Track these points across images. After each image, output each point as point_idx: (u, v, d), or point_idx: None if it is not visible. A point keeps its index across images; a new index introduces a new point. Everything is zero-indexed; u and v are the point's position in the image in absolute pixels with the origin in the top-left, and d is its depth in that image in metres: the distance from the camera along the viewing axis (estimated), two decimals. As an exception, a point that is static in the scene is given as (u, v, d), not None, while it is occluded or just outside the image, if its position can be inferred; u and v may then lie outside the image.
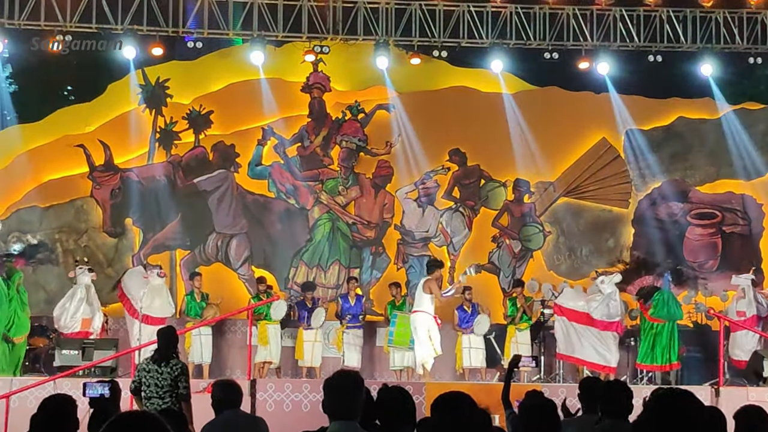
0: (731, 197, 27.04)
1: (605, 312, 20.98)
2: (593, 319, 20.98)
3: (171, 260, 25.72)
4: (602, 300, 21.20)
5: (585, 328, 20.98)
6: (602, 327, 20.99)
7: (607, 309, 21.02)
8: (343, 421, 6.39)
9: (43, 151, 26.12)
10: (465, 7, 25.50)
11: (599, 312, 20.99)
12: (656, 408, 4.58)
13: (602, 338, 20.96)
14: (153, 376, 12.76)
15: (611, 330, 21.11)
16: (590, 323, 20.98)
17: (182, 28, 25.14)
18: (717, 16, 25.90)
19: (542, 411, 6.46)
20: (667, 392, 4.70)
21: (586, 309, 21.12)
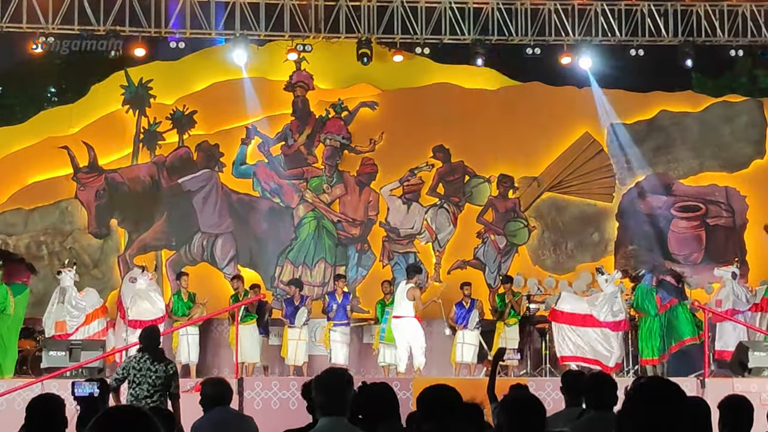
0: (715, 190, 27.13)
1: (610, 311, 21.02)
2: (599, 321, 21.02)
3: (157, 260, 25.72)
4: (605, 299, 21.21)
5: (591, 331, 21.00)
6: (612, 328, 21.03)
7: (611, 308, 21.05)
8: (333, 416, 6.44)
9: (27, 153, 26.09)
10: (446, 4, 25.54)
11: (604, 312, 21.02)
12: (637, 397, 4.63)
13: (604, 337, 21.00)
14: (145, 374, 12.79)
15: (620, 329, 21.17)
16: (597, 325, 21.01)
17: (165, 28, 25.12)
18: (698, 9, 25.97)
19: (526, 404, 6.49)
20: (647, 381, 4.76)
21: (590, 311, 21.15)
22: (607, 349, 20.96)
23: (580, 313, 21.13)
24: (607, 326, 20.99)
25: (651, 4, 25.86)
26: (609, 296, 21.21)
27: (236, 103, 26.47)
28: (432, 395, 5.94)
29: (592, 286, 23.54)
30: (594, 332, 20.98)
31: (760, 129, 27.44)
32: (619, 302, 21.22)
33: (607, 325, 20.99)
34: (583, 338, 21.02)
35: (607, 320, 20.99)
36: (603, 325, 20.97)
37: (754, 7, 26.10)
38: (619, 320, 21.10)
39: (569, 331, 21.12)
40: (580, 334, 21.05)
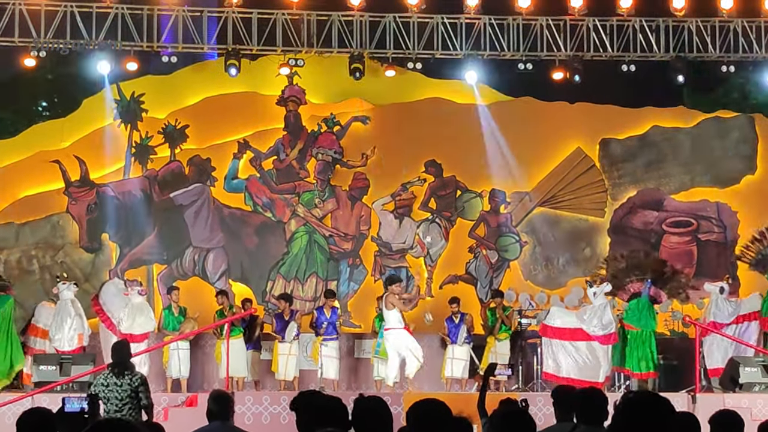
0: (706, 205, 27.18)
1: (599, 324, 21.03)
2: (589, 335, 21.03)
3: (148, 275, 25.70)
4: (594, 312, 21.23)
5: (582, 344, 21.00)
6: (602, 341, 21.04)
7: (601, 321, 21.07)
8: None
9: (19, 167, 26.09)
10: (439, 19, 25.59)
11: (594, 326, 21.03)
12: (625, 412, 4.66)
13: (592, 353, 20.99)
14: (112, 389, 12.80)
15: (610, 342, 21.16)
16: (587, 338, 21.01)
17: (157, 42, 25.14)
18: (689, 25, 26.04)
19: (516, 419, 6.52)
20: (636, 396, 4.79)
21: (579, 324, 21.16)
22: (596, 365, 20.95)
23: (569, 327, 21.14)
24: (597, 339, 21.00)
25: (643, 20, 25.93)
26: (598, 309, 21.23)
27: (228, 118, 26.51)
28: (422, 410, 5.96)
29: (584, 301, 23.54)
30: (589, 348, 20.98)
31: (751, 145, 27.51)
32: (608, 314, 21.23)
33: (597, 339, 21.00)
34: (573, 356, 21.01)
35: (597, 333, 21.00)
36: (593, 338, 20.99)
37: (745, 23, 26.18)
38: (609, 333, 21.11)
39: (561, 347, 21.10)
40: (570, 352, 21.04)
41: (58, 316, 21.05)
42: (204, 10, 25.80)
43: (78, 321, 20.98)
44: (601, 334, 21.00)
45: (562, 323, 21.29)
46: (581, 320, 21.20)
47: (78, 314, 21.04)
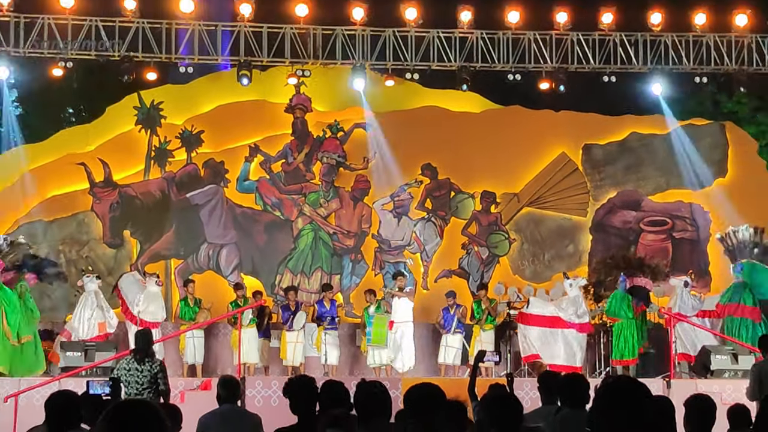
0: (680, 206, 27.19)
1: (575, 313, 21.05)
2: (564, 321, 21.03)
3: (166, 269, 25.72)
4: (569, 302, 21.26)
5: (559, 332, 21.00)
6: (578, 329, 21.03)
7: (576, 311, 21.08)
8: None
9: (47, 169, 26.11)
10: (434, 33, 25.61)
11: (570, 314, 21.04)
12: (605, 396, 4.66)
13: (568, 341, 20.99)
14: (133, 374, 12.81)
15: (585, 331, 21.15)
16: (563, 326, 21.01)
17: (175, 54, 25.16)
18: (666, 40, 26.06)
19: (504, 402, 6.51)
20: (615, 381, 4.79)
21: (556, 313, 21.17)
22: (576, 353, 20.94)
23: (548, 316, 21.15)
24: (573, 327, 21.00)
25: (622, 35, 25.94)
26: (573, 299, 21.25)
27: (240, 124, 26.53)
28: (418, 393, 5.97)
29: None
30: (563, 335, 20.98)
31: (722, 150, 27.52)
32: (583, 305, 21.24)
33: (573, 326, 21.00)
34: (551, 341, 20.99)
35: (573, 321, 21.01)
36: (569, 325, 20.99)
37: (717, 38, 26.20)
38: (584, 322, 21.12)
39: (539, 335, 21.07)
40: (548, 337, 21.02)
41: (81, 306, 21.03)
42: (218, 25, 25.83)
43: (99, 312, 20.94)
44: (577, 322, 21.01)
45: (541, 311, 21.29)
46: (559, 309, 21.22)
47: (99, 305, 21.00)
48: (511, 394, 8.09)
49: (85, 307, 20.97)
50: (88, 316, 20.85)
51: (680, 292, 21.84)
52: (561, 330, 21.02)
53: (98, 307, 20.96)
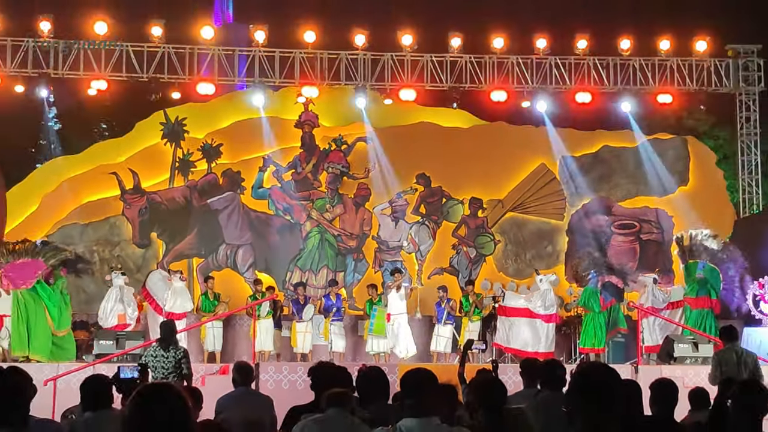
0: (647, 211, 27.15)
1: (542, 305, 21.02)
2: (533, 313, 21.01)
3: (189, 266, 25.69)
4: (538, 295, 21.23)
5: (526, 321, 20.98)
6: (546, 319, 21.00)
7: (544, 303, 21.05)
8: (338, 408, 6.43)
9: (83, 178, 26.11)
10: (428, 57, 25.69)
11: (538, 306, 21.02)
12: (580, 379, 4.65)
13: (536, 331, 20.95)
14: (159, 360, 12.80)
15: (551, 321, 21.10)
16: (531, 316, 20.98)
17: (197, 76, 25.21)
18: (634, 63, 26.14)
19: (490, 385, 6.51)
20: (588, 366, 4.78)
21: (526, 305, 21.15)
22: (538, 339, 20.90)
23: (520, 308, 21.12)
24: (540, 317, 20.95)
25: (596, 59, 26.02)
26: (543, 293, 21.21)
27: (255, 138, 26.49)
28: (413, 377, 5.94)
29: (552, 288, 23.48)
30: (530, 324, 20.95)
31: (684, 161, 27.50)
32: (551, 298, 21.18)
33: (540, 317, 20.95)
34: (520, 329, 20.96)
35: (540, 312, 20.96)
36: (537, 316, 20.96)
37: (679, 62, 26.29)
38: (551, 313, 21.06)
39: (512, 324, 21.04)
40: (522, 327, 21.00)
41: (106, 298, 21.02)
42: (235, 50, 25.92)
43: (120, 305, 20.90)
44: (543, 313, 20.95)
45: (515, 304, 21.26)
46: (528, 302, 21.20)
47: (121, 299, 20.95)
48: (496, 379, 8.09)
49: (109, 299, 20.95)
50: (111, 307, 20.83)
51: (650, 288, 21.81)
52: (529, 319, 21.00)
53: (120, 301, 20.91)
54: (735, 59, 26.78)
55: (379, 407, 7.17)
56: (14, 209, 24.89)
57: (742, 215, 26.92)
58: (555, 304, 21.23)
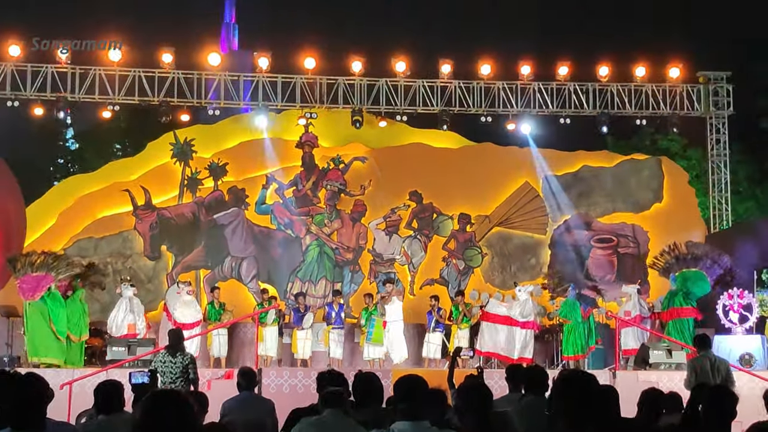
0: (624, 226, 27.18)
1: (521, 313, 20.97)
2: (512, 320, 20.97)
3: (196, 277, 25.68)
4: (518, 305, 21.19)
5: (505, 328, 20.96)
6: (522, 326, 20.95)
7: (522, 311, 21.02)
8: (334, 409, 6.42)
9: (98, 195, 26.10)
10: (420, 83, 25.75)
11: (516, 314, 20.98)
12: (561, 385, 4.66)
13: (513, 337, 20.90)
14: (168, 365, 12.76)
15: (528, 328, 21.03)
16: (510, 323, 20.94)
17: (204, 99, 25.25)
18: (611, 89, 26.23)
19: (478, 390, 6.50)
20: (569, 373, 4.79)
21: (506, 313, 21.14)
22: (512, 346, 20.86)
23: (501, 315, 21.11)
24: (518, 325, 20.90)
25: (575, 84, 26.10)
26: (522, 302, 21.15)
27: (259, 157, 26.51)
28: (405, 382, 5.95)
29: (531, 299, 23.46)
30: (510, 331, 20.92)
31: (658, 180, 27.54)
32: (529, 307, 21.10)
33: (517, 324, 20.89)
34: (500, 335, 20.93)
35: (518, 320, 20.92)
36: (515, 324, 20.92)
37: (654, 87, 26.39)
38: (527, 321, 20.97)
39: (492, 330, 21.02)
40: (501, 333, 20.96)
41: (117, 308, 20.98)
42: (240, 75, 25.99)
43: (130, 315, 20.86)
44: (521, 321, 20.89)
45: (496, 311, 21.24)
46: (509, 310, 21.17)
47: (131, 309, 20.92)
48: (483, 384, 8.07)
49: (119, 310, 20.92)
50: (121, 317, 20.80)
51: (635, 299, 21.79)
52: (508, 327, 20.98)
53: (130, 311, 20.88)
54: (706, 85, 26.88)
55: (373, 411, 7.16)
56: (33, 224, 24.86)
57: (712, 231, 26.97)
58: (532, 313, 21.19)
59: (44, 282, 19.50)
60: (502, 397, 9.19)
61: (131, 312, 20.85)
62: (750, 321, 21.01)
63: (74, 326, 19.71)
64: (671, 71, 26.38)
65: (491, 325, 20.99)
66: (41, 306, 19.35)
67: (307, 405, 7.59)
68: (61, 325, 19.41)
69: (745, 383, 16.55)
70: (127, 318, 20.78)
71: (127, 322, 20.72)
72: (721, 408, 6.71)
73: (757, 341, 20.53)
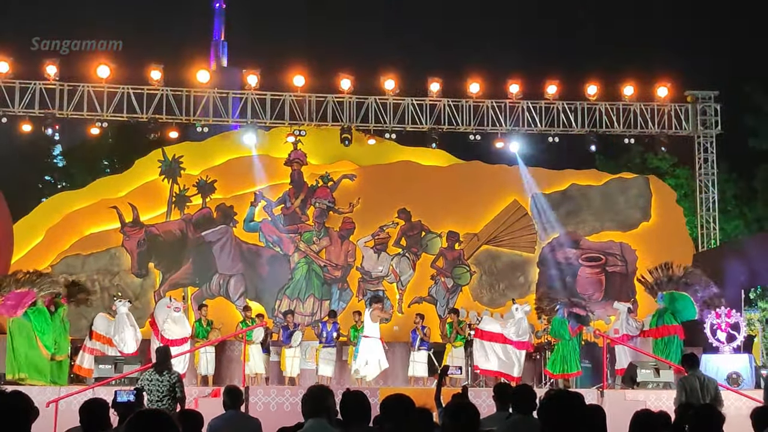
0: (612, 245, 27.23)
1: (516, 332, 20.96)
2: (507, 339, 20.95)
3: (184, 295, 25.62)
4: (513, 323, 21.18)
5: (500, 346, 20.94)
6: (518, 346, 20.93)
7: (518, 330, 21.00)
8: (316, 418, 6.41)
9: (85, 212, 26.08)
10: (409, 101, 25.80)
11: (512, 333, 20.97)
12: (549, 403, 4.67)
13: (509, 355, 20.89)
14: (154, 384, 12.69)
15: (524, 348, 21.03)
16: (505, 342, 20.93)
17: (193, 117, 25.25)
18: (600, 107, 26.31)
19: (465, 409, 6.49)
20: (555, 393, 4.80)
21: (501, 331, 21.10)
22: (511, 363, 20.84)
23: (495, 332, 21.07)
24: (513, 344, 20.89)
25: (564, 103, 26.18)
26: (517, 321, 21.10)
27: (247, 175, 26.52)
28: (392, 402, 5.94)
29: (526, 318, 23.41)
30: (503, 350, 20.90)
31: (646, 199, 27.62)
32: (524, 326, 21.10)
33: (513, 343, 20.88)
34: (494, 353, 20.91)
35: (512, 338, 20.88)
36: (510, 342, 20.89)
37: (642, 107, 26.49)
38: (523, 341, 20.98)
39: (488, 347, 21.00)
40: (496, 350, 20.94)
41: (119, 325, 20.84)
42: (229, 92, 26.03)
43: (132, 329, 20.82)
44: (515, 340, 20.86)
45: (491, 329, 21.20)
46: (503, 328, 21.13)
47: (132, 324, 20.90)
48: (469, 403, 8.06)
49: (123, 325, 20.71)
50: (130, 334, 20.65)
51: (624, 317, 21.78)
52: (503, 345, 20.95)
53: (131, 326, 20.82)
54: (694, 104, 26.99)
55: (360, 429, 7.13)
56: (20, 241, 24.79)
57: (700, 249, 27.03)
58: (528, 332, 21.20)
59: (26, 298, 19.42)
60: (489, 415, 9.18)
61: (132, 326, 20.79)
62: (737, 340, 21.03)
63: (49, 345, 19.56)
64: (659, 90, 26.50)
65: (486, 343, 20.97)
66: (24, 323, 19.27)
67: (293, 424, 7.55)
68: (48, 340, 19.33)
69: (732, 402, 16.56)
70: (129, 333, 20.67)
71: (135, 337, 20.66)
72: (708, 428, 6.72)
73: (744, 360, 20.53)
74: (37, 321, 19.38)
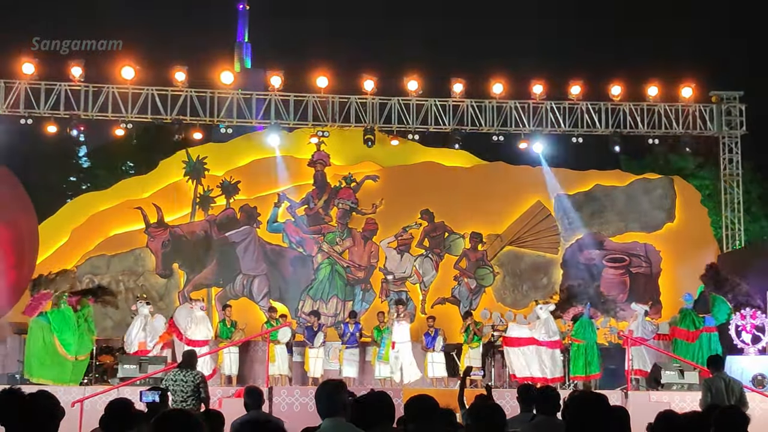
0: (636, 246, 27.12)
1: (546, 333, 20.94)
2: (539, 341, 20.92)
3: (208, 295, 25.70)
4: (541, 324, 21.14)
5: (533, 349, 20.90)
6: (549, 345, 20.91)
7: (547, 331, 20.97)
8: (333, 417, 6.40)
9: (110, 213, 26.18)
10: (432, 102, 25.77)
11: (542, 334, 20.93)
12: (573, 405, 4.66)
13: (545, 357, 20.86)
14: (179, 384, 12.75)
15: (555, 347, 21.01)
16: (538, 344, 20.90)
17: (217, 118, 25.32)
18: (624, 108, 26.20)
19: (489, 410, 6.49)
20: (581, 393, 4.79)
21: (531, 334, 21.06)
22: (546, 366, 20.81)
23: (525, 337, 21.03)
24: (545, 344, 20.86)
25: (588, 104, 26.08)
26: (544, 321, 21.10)
27: (271, 176, 26.56)
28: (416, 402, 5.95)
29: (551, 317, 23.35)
30: (537, 351, 20.87)
31: (671, 200, 27.50)
32: (553, 325, 21.10)
33: (545, 344, 20.85)
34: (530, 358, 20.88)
35: (544, 340, 20.87)
36: (542, 344, 20.86)
37: (667, 107, 26.36)
38: (555, 340, 20.98)
39: (520, 354, 20.97)
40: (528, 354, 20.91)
41: (133, 325, 21.00)
42: (253, 94, 26.06)
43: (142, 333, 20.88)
44: (547, 340, 20.87)
45: (519, 334, 21.16)
46: (532, 331, 21.11)
47: (144, 328, 20.98)
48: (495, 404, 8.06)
49: (134, 327, 20.97)
50: (135, 334, 20.85)
51: (640, 319, 21.71)
52: (536, 347, 20.93)
53: (143, 329, 20.93)
54: (718, 104, 26.84)
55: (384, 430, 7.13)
56: (46, 242, 24.92)
57: (725, 250, 26.88)
58: (558, 331, 21.17)
59: (44, 299, 19.56)
60: (513, 417, 9.18)
61: (143, 330, 20.89)
62: (763, 341, 20.93)
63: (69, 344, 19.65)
64: (684, 90, 26.37)
65: (517, 349, 20.94)
66: (42, 323, 19.40)
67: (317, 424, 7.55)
68: (68, 340, 19.42)
69: (757, 404, 16.50)
70: (138, 336, 20.82)
71: (139, 339, 20.76)
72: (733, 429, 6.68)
73: (769, 362, 20.43)
74: (56, 321, 19.49)
